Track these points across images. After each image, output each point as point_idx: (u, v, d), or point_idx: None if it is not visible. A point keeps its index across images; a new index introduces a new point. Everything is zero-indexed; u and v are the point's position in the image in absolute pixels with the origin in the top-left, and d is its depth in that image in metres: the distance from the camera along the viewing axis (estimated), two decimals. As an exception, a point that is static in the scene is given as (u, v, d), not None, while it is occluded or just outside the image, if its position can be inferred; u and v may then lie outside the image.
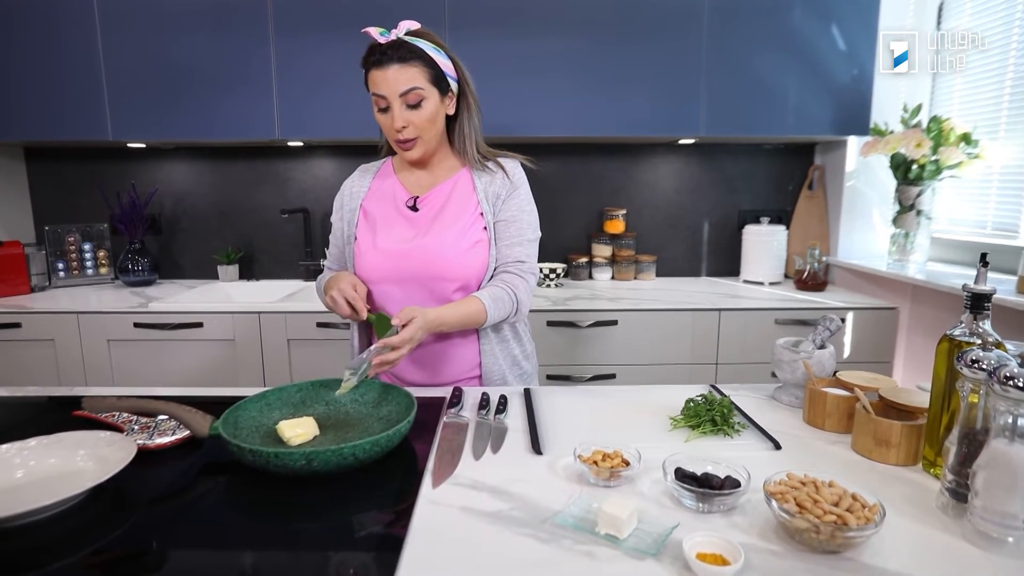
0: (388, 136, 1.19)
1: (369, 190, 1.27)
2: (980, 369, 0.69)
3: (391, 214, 1.24)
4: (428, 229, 1.21)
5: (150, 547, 0.71)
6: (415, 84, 1.12)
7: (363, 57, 1.16)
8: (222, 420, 0.91)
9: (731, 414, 0.99)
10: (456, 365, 1.25)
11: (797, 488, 0.70)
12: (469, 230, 1.20)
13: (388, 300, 1.23)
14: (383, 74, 1.12)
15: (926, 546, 0.68)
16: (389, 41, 1.14)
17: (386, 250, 1.20)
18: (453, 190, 1.24)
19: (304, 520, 0.77)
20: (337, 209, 1.31)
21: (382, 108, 1.15)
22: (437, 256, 1.18)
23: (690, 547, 0.63)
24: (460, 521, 0.73)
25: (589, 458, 0.83)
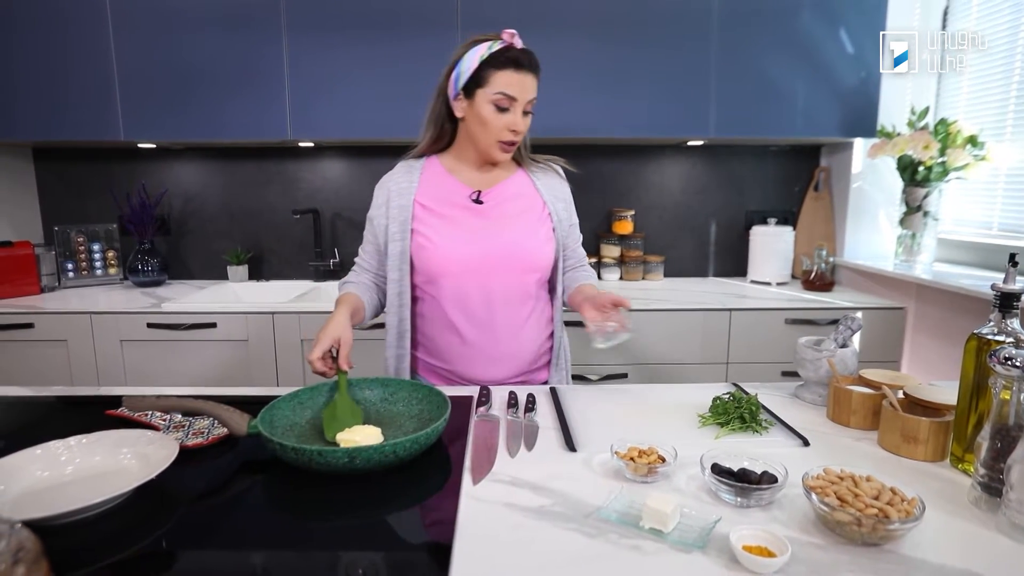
0: (493, 135, 1.18)
1: (420, 185, 1.25)
2: (1014, 366, 0.71)
3: (454, 208, 1.23)
4: (502, 221, 1.23)
5: (196, 545, 0.72)
6: (535, 95, 1.19)
7: (496, 54, 1.15)
8: (259, 419, 0.92)
9: (758, 411, 1.01)
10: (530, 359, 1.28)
11: (836, 483, 0.72)
12: (541, 225, 1.25)
13: (465, 294, 1.21)
14: (522, 79, 1.15)
15: (962, 539, 0.70)
16: (524, 48, 1.17)
17: (468, 241, 1.20)
18: (517, 188, 1.28)
19: (349, 517, 0.78)
20: (380, 205, 1.27)
21: (503, 108, 1.16)
22: (519, 247, 1.21)
23: (737, 540, 0.65)
24: (506, 517, 0.74)
25: (626, 455, 0.84)
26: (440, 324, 1.25)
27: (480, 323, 1.22)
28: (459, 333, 1.23)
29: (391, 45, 2.13)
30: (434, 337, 1.27)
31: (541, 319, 1.29)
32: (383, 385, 1.10)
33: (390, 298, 1.26)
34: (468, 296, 1.21)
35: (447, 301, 1.22)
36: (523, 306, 1.25)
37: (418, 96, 2.15)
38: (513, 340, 1.25)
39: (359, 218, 2.59)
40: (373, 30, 2.13)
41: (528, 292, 1.25)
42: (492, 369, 1.25)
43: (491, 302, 1.22)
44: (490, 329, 1.23)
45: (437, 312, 1.25)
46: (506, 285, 1.22)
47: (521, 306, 1.25)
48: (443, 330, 1.25)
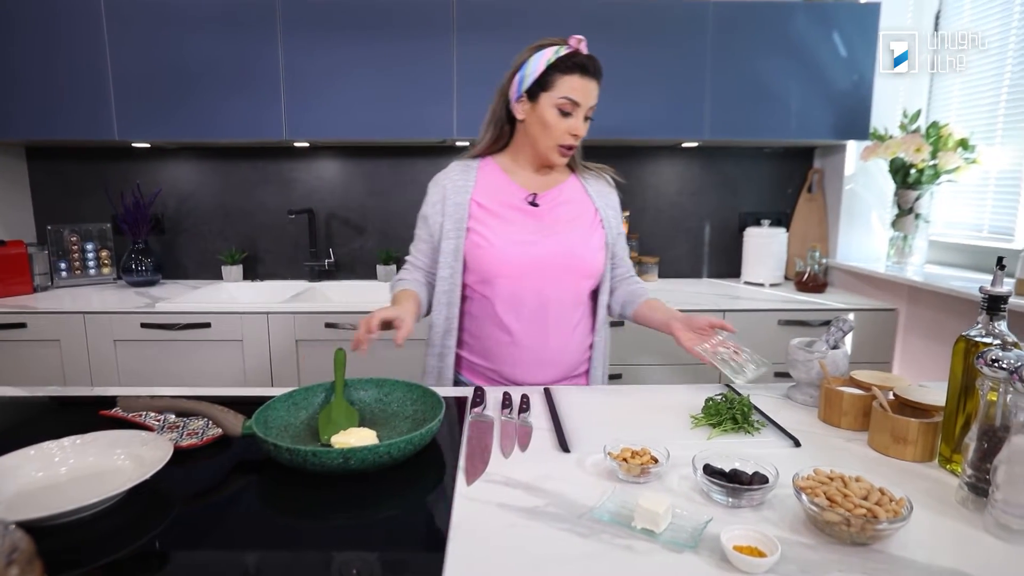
0: (554, 138, 1.19)
1: (477, 184, 1.26)
2: (1001, 368, 0.72)
3: (510, 209, 1.24)
4: (559, 226, 1.23)
5: (190, 545, 0.72)
6: (596, 102, 1.20)
7: (562, 59, 1.17)
8: (254, 419, 0.92)
9: (750, 412, 1.02)
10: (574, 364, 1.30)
11: (826, 483, 0.73)
12: (594, 232, 1.26)
13: (519, 295, 1.22)
14: (587, 85, 1.17)
15: (950, 538, 0.71)
16: (590, 54, 1.18)
17: (524, 242, 1.21)
18: (572, 193, 1.29)
19: (343, 517, 0.78)
20: (436, 202, 1.28)
21: (566, 112, 1.17)
22: (574, 253, 1.22)
23: (727, 540, 0.66)
24: (499, 517, 0.75)
25: (619, 455, 0.85)
26: (490, 324, 1.25)
27: (532, 325, 1.23)
28: (510, 333, 1.24)
29: (387, 46, 2.14)
30: (482, 336, 1.28)
31: (587, 325, 1.30)
32: (378, 386, 1.11)
33: (438, 295, 1.26)
34: (522, 298, 1.22)
35: (500, 301, 1.23)
36: (575, 311, 1.26)
37: (413, 97, 2.17)
38: (562, 345, 1.26)
39: (354, 218, 2.59)
40: (369, 31, 2.13)
41: (580, 298, 1.27)
42: (537, 371, 1.26)
43: (545, 306, 1.23)
44: (542, 332, 1.24)
45: (488, 312, 1.25)
46: (560, 290, 1.23)
47: (573, 311, 1.26)
48: (493, 329, 1.25)
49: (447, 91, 2.17)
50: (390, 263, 2.55)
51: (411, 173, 2.56)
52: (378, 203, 2.59)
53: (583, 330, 1.29)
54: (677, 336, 1.19)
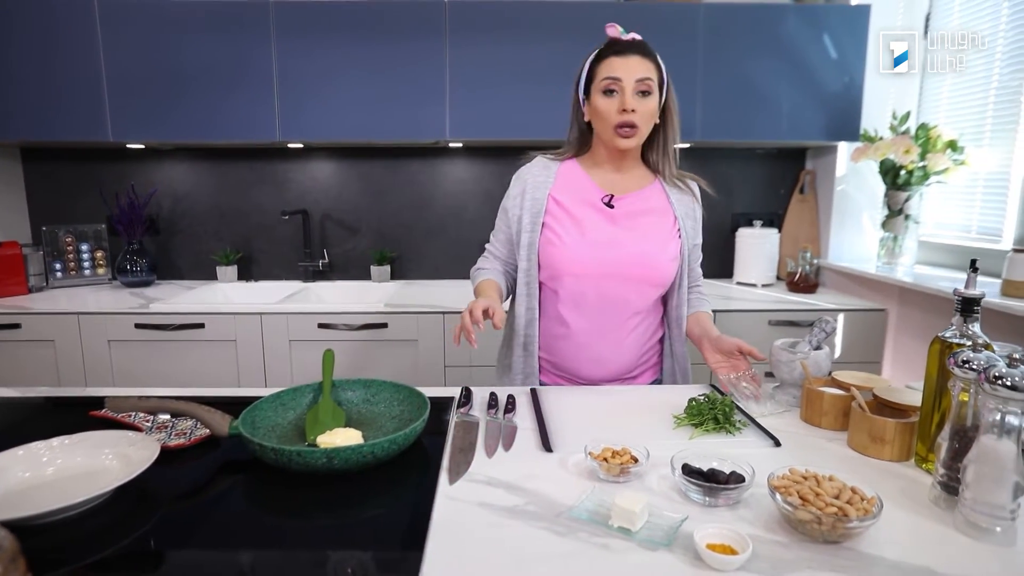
0: (608, 122, 1.19)
1: (556, 181, 1.27)
2: (971, 369, 0.73)
3: (586, 208, 1.24)
4: (633, 230, 1.23)
5: (176, 544, 0.73)
6: (650, 76, 1.18)
7: (600, 50, 1.21)
8: (240, 420, 0.93)
9: (732, 413, 1.03)
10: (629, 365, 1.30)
11: (799, 482, 0.74)
12: (670, 241, 1.24)
13: (581, 293, 1.23)
14: (624, 61, 1.17)
15: (920, 536, 0.72)
16: (631, 38, 1.20)
17: (595, 243, 1.21)
18: (650, 198, 1.27)
19: (325, 517, 0.80)
20: (515, 196, 1.29)
21: (609, 91, 1.17)
22: (647, 258, 1.22)
23: (700, 538, 0.67)
24: (479, 516, 0.76)
25: (599, 455, 0.86)
26: (549, 316, 1.28)
27: (588, 323, 1.25)
28: (566, 326, 1.26)
29: (379, 48, 2.15)
30: (543, 329, 1.30)
31: (648, 329, 1.30)
32: (365, 386, 1.12)
33: (519, 286, 1.28)
34: (585, 296, 1.23)
35: (563, 296, 1.25)
36: (635, 316, 1.26)
37: (406, 99, 2.18)
38: (615, 345, 1.26)
39: (348, 219, 2.60)
40: (361, 33, 2.14)
41: (644, 304, 1.26)
42: (589, 368, 1.28)
43: (606, 306, 1.24)
44: (597, 331, 1.25)
45: (550, 304, 1.28)
46: (624, 294, 1.23)
47: (632, 316, 1.26)
48: (551, 322, 1.28)
49: (440, 93, 2.18)
50: (384, 263, 2.56)
51: (405, 174, 2.58)
52: (372, 204, 2.60)
53: (641, 335, 1.29)
54: (705, 356, 1.22)
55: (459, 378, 2.09)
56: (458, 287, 2.46)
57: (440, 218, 2.61)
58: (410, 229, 2.62)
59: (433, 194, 2.60)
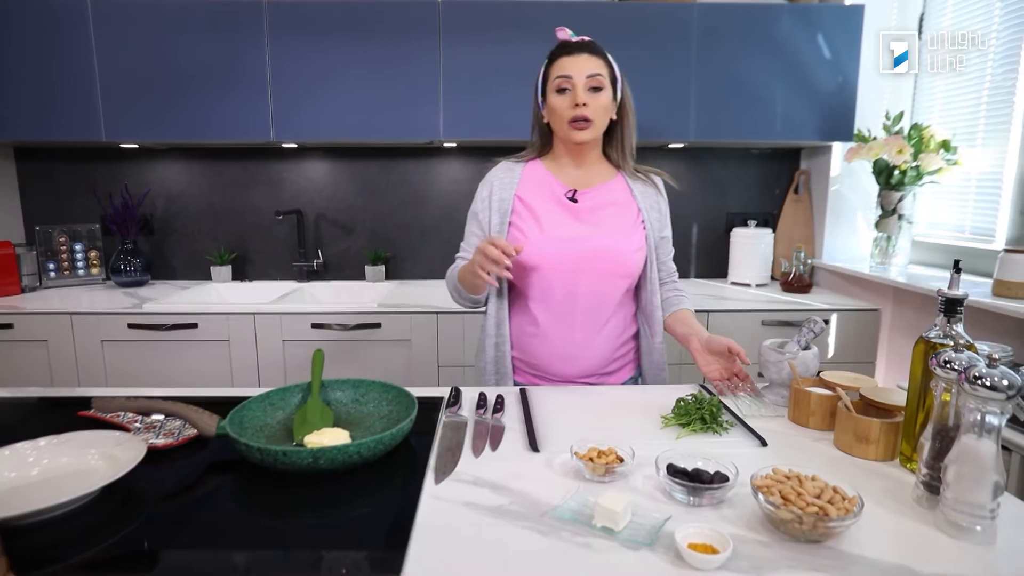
0: (563, 117, 1.22)
1: (521, 180, 1.30)
2: (952, 369, 0.74)
3: (551, 205, 1.27)
4: (597, 223, 1.26)
5: (161, 544, 0.73)
6: (599, 71, 1.22)
7: (551, 52, 1.26)
8: (228, 420, 0.93)
9: (720, 412, 1.03)
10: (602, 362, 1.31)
11: (782, 482, 0.74)
12: (634, 233, 1.27)
13: (549, 289, 1.25)
14: (573, 59, 1.22)
15: (902, 535, 0.73)
16: (580, 39, 1.26)
17: (560, 238, 1.23)
18: (613, 192, 1.30)
19: (311, 517, 0.80)
20: (483, 199, 1.32)
21: (562, 89, 1.22)
22: (612, 250, 1.24)
23: (682, 538, 0.67)
24: (463, 516, 0.76)
25: (585, 455, 0.86)
26: (521, 315, 1.30)
27: (559, 319, 1.26)
28: (537, 324, 1.27)
29: (373, 48, 2.15)
30: (515, 328, 1.32)
31: (620, 324, 1.31)
32: (354, 386, 1.12)
33: (489, 288, 1.29)
34: (552, 292, 1.25)
35: (532, 293, 1.27)
36: (605, 309, 1.28)
37: (399, 99, 2.18)
38: (589, 341, 1.27)
39: (343, 219, 2.60)
40: (355, 33, 2.14)
41: (613, 297, 1.28)
42: (562, 365, 1.29)
43: (574, 301, 1.25)
44: (568, 327, 1.26)
45: (520, 303, 1.30)
46: (592, 286, 1.25)
47: (603, 309, 1.28)
48: (522, 321, 1.29)
49: (433, 93, 2.18)
50: (378, 263, 2.56)
51: (400, 174, 2.58)
52: (367, 204, 2.60)
53: (613, 329, 1.30)
54: (695, 357, 1.23)
55: (452, 378, 2.09)
56: (453, 287, 2.46)
57: (434, 218, 2.61)
58: (404, 229, 2.62)
59: (428, 194, 2.60)
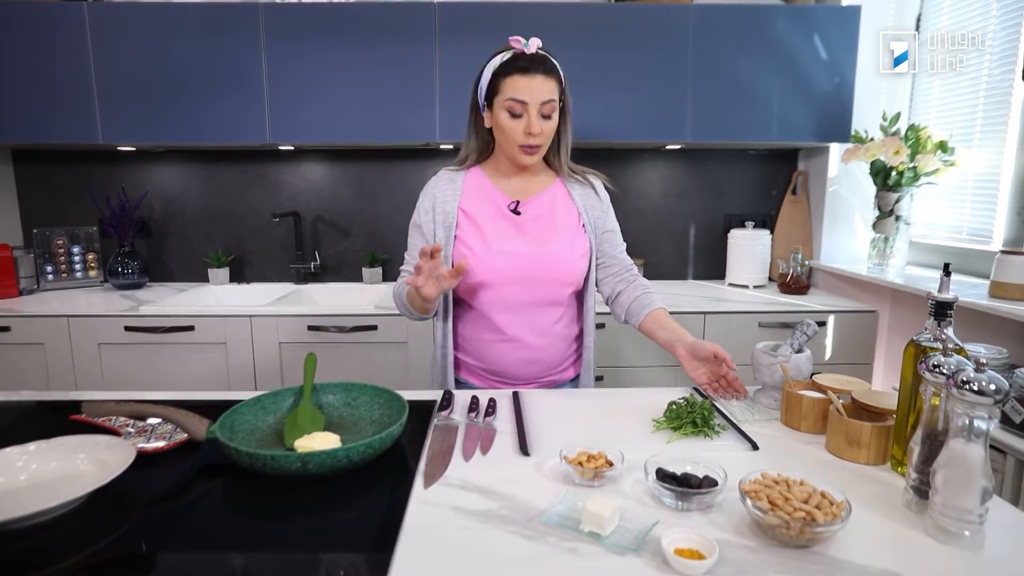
0: (513, 140, 1.21)
1: (463, 193, 1.29)
2: (941, 374, 0.73)
3: (494, 217, 1.27)
4: (541, 235, 1.26)
5: (150, 548, 0.73)
6: (553, 97, 1.19)
7: (503, 63, 1.19)
8: (219, 424, 0.93)
9: (711, 416, 1.03)
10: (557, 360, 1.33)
11: (770, 487, 0.74)
12: (578, 239, 1.28)
13: (501, 302, 1.26)
14: (529, 81, 1.16)
15: (890, 540, 0.72)
16: (534, 53, 1.19)
17: (506, 252, 1.24)
18: (555, 199, 1.30)
19: (300, 521, 0.80)
20: (426, 211, 1.30)
21: (516, 114, 1.18)
22: (558, 261, 1.25)
23: (668, 543, 0.67)
24: (451, 520, 0.76)
25: (574, 459, 0.86)
26: (478, 325, 1.30)
27: (514, 326, 1.27)
28: (495, 332, 1.28)
29: (369, 51, 2.15)
30: (472, 338, 1.32)
31: (569, 323, 1.33)
32: (346, 390, 1.12)
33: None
34: (504, 302, 1.26)
35: (485, 305, 1.27)
36: (553, 312, 1.30)
37: (396, 101, 2.18)
38: (541, 343, 1.29)
39: (340, 221, 2.60)
40: (351, 36, 2.14)
41: (560, 300, 1.30)
42: (524, 368, 1.30)
43: (524, 308, 1.27)
44: (521, 332, 1.28)
45: (473, 314, 1.30)
46: (540, 294, 1.26)
47: (551, 311, 1.29)
48: (481, 330, 1.30)
49: (429, 95, 2.18)
50: (376, 265, 2.56)
51: (397, 176, 2.58)
52: (364, 206, 2.60)
53: (563, 329, 1.32)
54: (682, 363, 1.22)
55: (449, 380, 2.08)
56: (450, 289, 2.46)
57: (432, 220, 2.61)
58: (402, 231, 2.61)
59: (425, 196, 2.59)
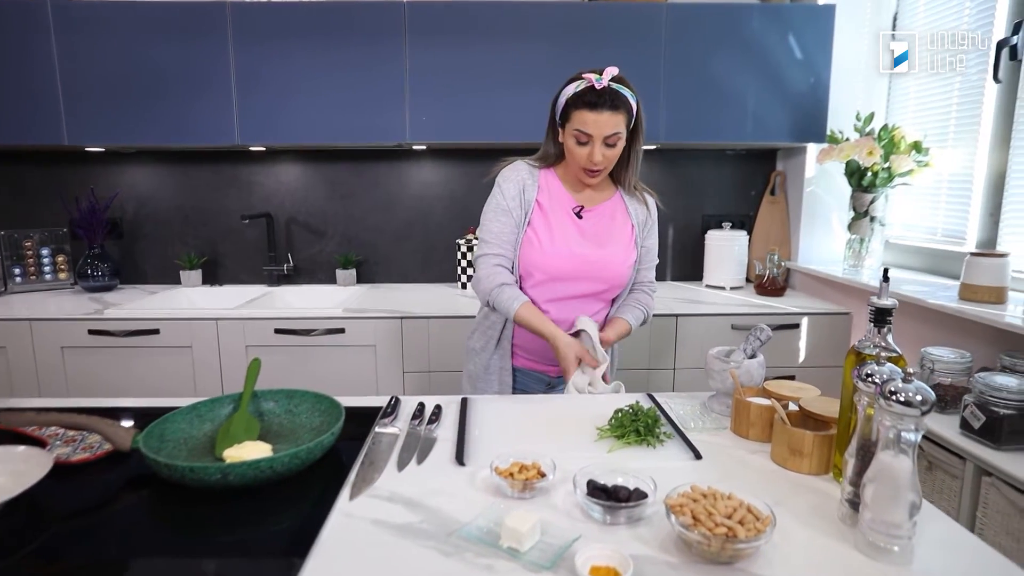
0: (578, 163, 1.30)
1: (540, 187, 1.38)
2: (873, 383, 0.71)
3: (562, 216, 1.37)
4: (601, 240, 1.37)
5: (58, 563, 0.71)
6: (618, 130, 1.26)
7: (575, 95, 1.26)
8: (146, 433, 0.91)
9: (656, 424, 1.00)
10: None
11: (697, 500, 0.72)
12: (629, 249, 1.40)
13: (551, 294, 1.36)
14: (596, 117, 1.24)
15: (819, 556, 0.70)
16: (604, 87, 1.24)
17: (568, 249, 1.34)
18: (614, 211, 1.41)
19: (223, 534, 0.77)
20: (513, 197, 1.36)
21: (582, 142, 1.27)
22: (613, 265, 1.37)
23: (583, 561, 0.64)
24: (368, 535, 0.74)
25: (506, 470, 0.84)
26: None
27: (561, 313, 1.37)
28: (542, 311, 1.36)
29: (338, 51, 2.12)
30: None
31: (601, 320, 1.43)
32: (288, 397, 1.09)
33: None
34: (555, 291, 1.36)
35: (538, 291, 1.37)
36: (593, 306, 1.40)
37: (366, 101, 2.16)
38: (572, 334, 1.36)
39: (315, 222, 2.57)
40: (320, 36, 2.11)
41: (603, 299, 1.41)
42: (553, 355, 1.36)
43: (571, 300, 1.37)
44: (556, 320, 1.35)
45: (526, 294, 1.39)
46: (587, 290, 1.37)
47: (592, 306, 1.40)
48: None
49: (399, 96, 2.15)
50: (349, 267, 2.53)
51: (371, 176, 2.55)
52: (338, 207, 2.57)
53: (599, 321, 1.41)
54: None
55: (419, 384, 2.06)
56: (426, 291, 2.43)
57: (407, 221, 2.58)
58: (378, 232, 2.59)
59: (400, 196, 2.57)
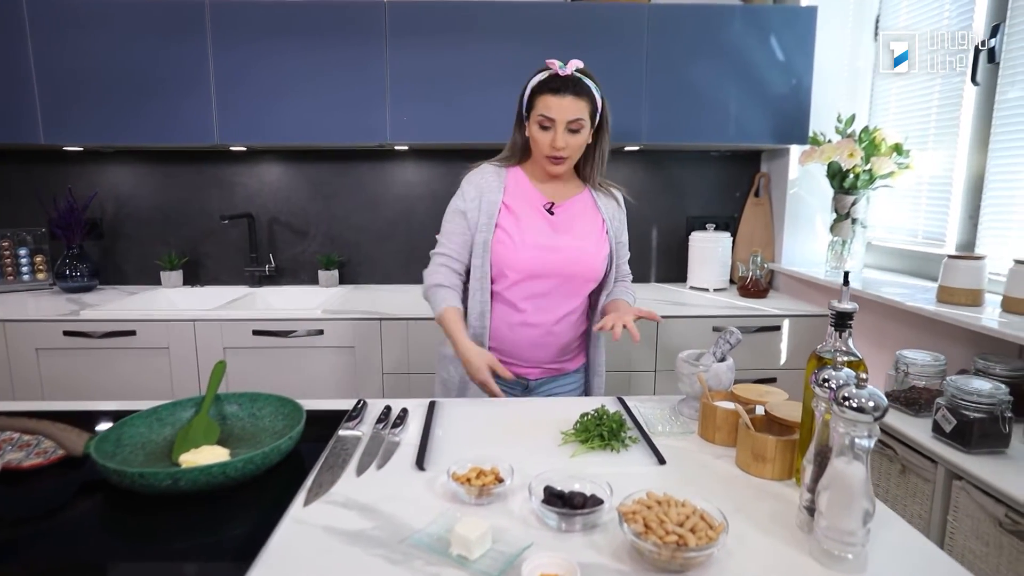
0: (542, 151, 1.32)
1: (506, 187, 1.38)
2: (829, 388, 0.70)
3: (531, 213, 1.37)
4: (571, 233, 1.37)
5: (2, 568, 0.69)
6: (580, 116, 1.28)
7: (539, 82, 1.29)
8: (100, 438, 0.89)
9: (621, 429, 0.99)
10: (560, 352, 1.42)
11: (651, 507, 0.71)
12: (602, 242, 1.40)
13: (527, 292, 1.35)
14: (559, 101, 1.26)
15: (774, 564, 0.69)
16: (568, 75, 1.27)
17: (540, 245, 1.34)
18: (584, 206, 1.41)
19: (176, 540, 0.76)
20: (472, 199, 1.37)
21: (545, 127, 1.29)
22: (584, 258, 1.36)
23: (531, 569, 0.63)
24: (317, 542, 0.72)
25: (464, 475, 0.82)
26: (500, 304, 1.39)
27: (536, 309, 1.37)
28: (518, 310, 1.37)
29: (319, 51, 2.11)
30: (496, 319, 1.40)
31: (580, 318, 1.43)
32: (251, 400, 1.08)
33: (473, 282, 1.38)
34: (531, 288, 1.36)
35: (512, 289, 1.36)
36: (569, 304, 1.39)
37: (346, 101, 2.14)
38: (559, 329, 1.39)
39: (297, 223, 2.55)
40: (300, 36, 2.09)
41: (578, 295, 1.40)
42: (537, 351, 1.40)
43: (543, 298, 1.36)
44: (544, 315, 1.37)
45: (499, 296, 1.39)
46: (563, 287, 1.37)
47: (568, 304, 1.39)
48: (507, 312, 1.38)
49: (380, 96, 2.14)
50: (331, 268, 2.51)
51: (354, 177, 2.53)
52: (321, 207, 2.55)
53: (575, 322, 1.42)
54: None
55: (398, 386, 2.05)
56: (406, 292, 2.42)
57: (389, 221, 2.57)
58: (360, 232, 2.58)
59: (383, 197, 2.55)
